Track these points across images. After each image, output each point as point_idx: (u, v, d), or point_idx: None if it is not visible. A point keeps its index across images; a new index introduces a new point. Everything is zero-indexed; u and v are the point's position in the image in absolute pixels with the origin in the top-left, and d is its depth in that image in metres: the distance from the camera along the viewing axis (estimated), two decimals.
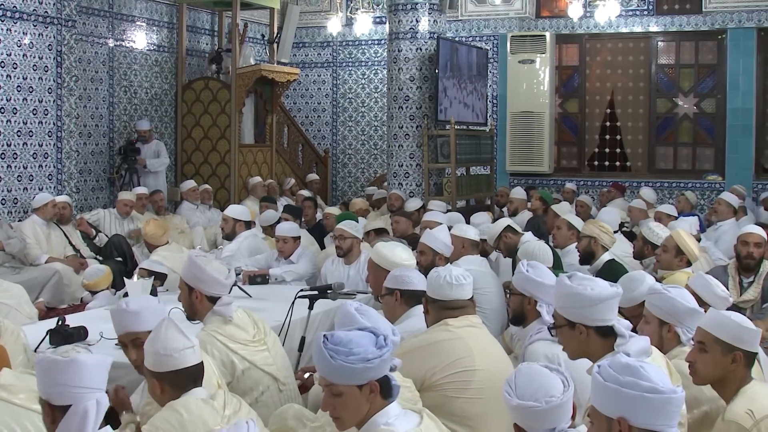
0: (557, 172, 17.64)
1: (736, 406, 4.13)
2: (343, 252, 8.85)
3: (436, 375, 4.89)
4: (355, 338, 3.67)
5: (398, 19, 13.72)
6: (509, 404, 3.51)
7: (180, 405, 4.06)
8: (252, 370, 5.38)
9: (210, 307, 5.49)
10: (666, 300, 4.99)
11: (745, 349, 4.25)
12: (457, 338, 5.04)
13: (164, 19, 16.01)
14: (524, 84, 17.13)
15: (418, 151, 13.70)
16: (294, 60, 18.89)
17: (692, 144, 17.25)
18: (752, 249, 7.92)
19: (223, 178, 15.89)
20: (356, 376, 3.60)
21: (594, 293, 4.34)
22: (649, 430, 3.18)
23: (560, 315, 4.44)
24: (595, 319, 4.34)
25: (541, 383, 3.51)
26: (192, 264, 5.56)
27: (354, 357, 3.58)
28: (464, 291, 5.24)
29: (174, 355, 4.14)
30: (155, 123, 15.69)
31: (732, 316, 4.30)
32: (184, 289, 5.58)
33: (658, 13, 16.94)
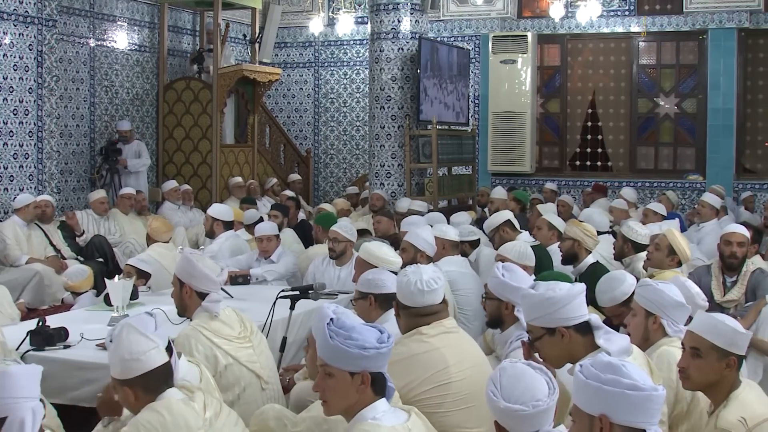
0: (539, 172, 17.67)
1: (728, 414, 4.12)
2: (336, 254, 8.82)
3: (412, 391, 4.84)
4: (359, 327, 3.78)
5: (380, 19, 13.74)
6: (495, 405, 3.52)
7: (161, 406, 4.04)
8: (234, 365, 5.40)
9: (199, 302, 5.56)
10: (654, 292, 5.04)
11: (739, 354, 4.25)
12: (432, 350, 4.97)
13: (145, 19, 15.97)
14: (506, 84, 17.15)
15: (399, 151, 13.71)
16: (276, 60, 18.88)
17: (673, 144, 17.30)
18: (735, 248, 7.93)
19: (205, 178, 15.86)
20: (350, 362, 3.69)
21: (563, 293, 4.34)
22: (630, 427, 3.20)
23: (536, 326, 4.38)
24: (572, 317, 4.33)
25: (527, 385, 3.53)
26: (185, 260, 5.66)
27: (352, 342, 3.68)
28: (436, 296, 5.15)
29: (141, 358, 4.12)
30: (136, 123, 15.66)
31: (726, 321, 4.29)
32: (176, 285, 5.66)
33: (639, 14, 16.99)
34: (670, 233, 7.69)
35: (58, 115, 12.56)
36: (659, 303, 5.02)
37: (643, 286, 5.16)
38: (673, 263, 7.55)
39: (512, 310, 5.49)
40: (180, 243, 12.07)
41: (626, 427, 3.20)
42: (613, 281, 6.03)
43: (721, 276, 8.03)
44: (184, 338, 5.33)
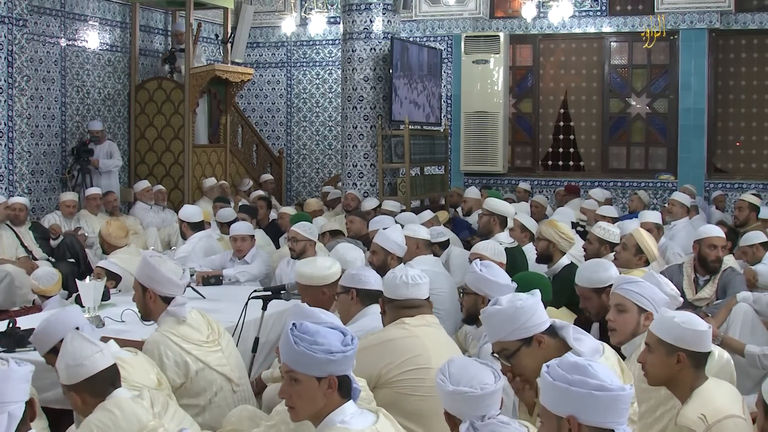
0: (511, 172, 17.70)
1: (688, 411, 4.14)
2: (296, 254, 8.81)
3: (391, 372, 4.89)
4: (322, 331, 3.74)
5: (352, 19, 13.73)
6: (444, 390, 3.59)
7: (112, 405, 4.08)
8: (206, 370, 5.39)
9: (164, 307, 5.50)
10: (647, 288, 5.11)
11: (690, 350, 4.26)
12: (412, 336, 5.03)
13: (117, 19, 15.90)
14: (478, 84, 17.18)
15: (372, 151, 13.71)
16: (248, 60, 18.84)
17: (645, 144, 17.37)
18: (720, 253, 7.96)
19: (177, 178, 15.81)
20: (316, 367, 3.66)
21: (529, 301, 4.27)
22: (598, 427, 3.21)
23: (511, 341, 4.20)
24: (542, 323, 4.27)
25: (474, 372, 3.63)
26: (146, 264, 5.56)
27: (317, 347, 3.65)
28: (420, 290, 5.23)
29: (84, 362, 4.14)
30: (108, 123, 15.59)
31: (675, 317, 4.33)
32: (138, 290, 5.58)
33: (611, 14, 17.05)
34: (637, 233, 7.72)
35: (28, 116, 12.48)
36: (653, 299, 5.09)
37: (633, 283, 5.18)
38: (641, 262, 7.59)
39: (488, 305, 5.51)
40: (152, 243, 12.05)
41: (594, 428, 3.20)
42: (599, 265, 6.12)
43: (693, 274, 8.07)
44: (152, 345, 5.29)
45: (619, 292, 5.15)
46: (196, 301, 7.27)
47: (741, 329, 7.08)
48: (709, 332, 4.31)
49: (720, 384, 4.40)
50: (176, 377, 5.26)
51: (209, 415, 5.31)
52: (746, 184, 16.13)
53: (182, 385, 5.29)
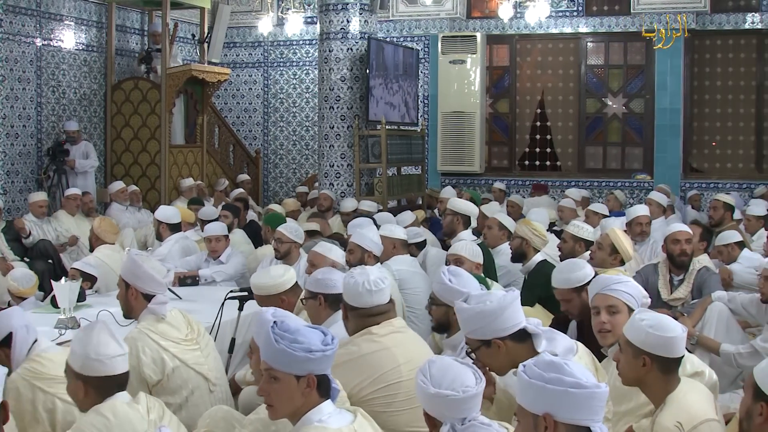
0: (488, 172, 17.72)
1: (664, 419, 4.14)
2: (280, 255, 8.80)
3: (363, 390, 4.85)
4: (303, 330, 3.77)
5: (329, 19, 13.71)
6: (425, 392, 3.58)
7: (106, 409, 4.05)
8: (182, 368, 5.40)
9: (145, 304, 5.53)
10: (634, 287, 5.18)
11: (656, 355, 4.26)
12: (382, 349, 4.98)
13: (93, 19, 15.84)
14: (455, 84, 17.19)
15: (349, 151, 13.70)
16: (225, 60, 18.81)
17: (621, 144, 17.44)
18: (684, 246, 8.00)
19: (154, 179, 15.76)
20: (296, 365, 3.68)
21: (494, 305, 4.32)
22: (574, 425, 3.22)
23: (473, 339, 4.37)
24: (506, 328, 4.31)
25: (455, 374, 3.61)
26: (130, 261, 5.62)
27: (298, 345, 3.67)
28: (384, 295, 5.15)
29: (105, 361, 4.13)
30: (84, 123, 15.52)
31: (645, 320, 4.32)
32: (122, 286, 5.63)
33: (587, 14, 17.10)
34: (612, 233, 7.74)
35: (4, 116, 12.45)
36: (640, 297, 5.14)
37: (622, 282, 5.20)
38: (616, 262, 7.61)
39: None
40: (128, 244, 11.98)
41: (570, 425, 3.22)
42: (573, 265, 6.10)
43: (668, 274, 8.10)
44: (130, 341, 5.28)
45: (610, 293, 5.14)
46: (173, 302, 7.25)
47: (716, 328, 7.10)
48: (679, 338, 4.29)
49: (693, 387, 4.39)
50: (153, 374, 5.29)
51: (186, 414, 5.30)
52: (722, 183, 16.23)
53: (158, 382, 5.31)
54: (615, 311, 5.10)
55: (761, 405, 3.50)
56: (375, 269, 5.34)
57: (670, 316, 6.03)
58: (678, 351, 4.30)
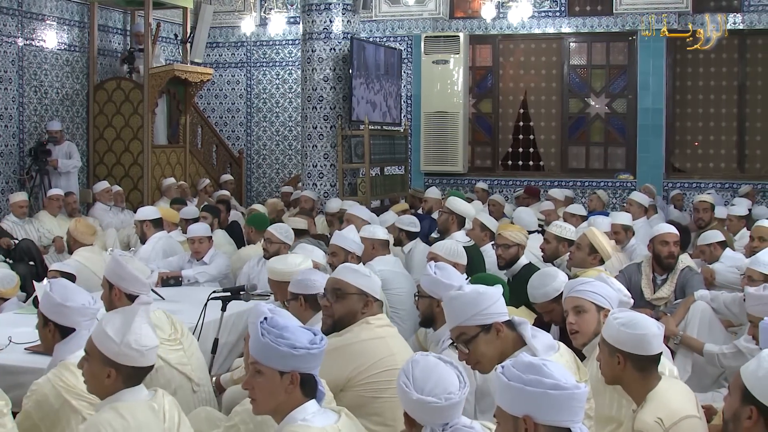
0: (471, 172, 17.74)
1: (644, 415, 4.16)
2: (269, 255, 8.77)
3: (360, 375, 4.90)
4: (292, 327, 3.78)
5: (312, 19, 13.70)
6: (407, 397, 3.56)
7: (125, 409, 3.94)
8: (165, 368, 5.40)
9: (128, 305, 5.42)
10: (600, 286, 5.20)
11: (629, 353, 4.30)
12: (378, 338, 5.06)
13: (75, 18, 15.80)
14: (438, 84, 17.20)
15: (332, 151, 13.69)
16: (207, 60, 18.78)
17: (604, 143, 17.47)
18: (673, 248, 8.02)
19: (136, 179, 15.72)
20: (279, 360, 3.69)
21: (493, 290, 4.42)
22: (554, 426, 3.23)
23: (470, 326, 4.36)
24: (503, 313, 4.39)
25: (439, 377, 3.57)
26: (114, 262, 5.61)
27: (282, 340, 3.68)
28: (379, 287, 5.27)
29: (145, 352, 4.08)
30: (66, 124, 15.47)
31: (618, 318, 4.37)
32: (105, 287, 5.61)
33: (570, 15, 17.13)
34: (590, 233, 7.77)
35: None
36: (608, 297, 5.15)
37: (587, 282, 5.25)
38: (596, 261, 7.63)
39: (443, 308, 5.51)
40: (111, 245, 11.95)
41: (551, 427, 3.22)
42: (545, 277, 6.09)
43: (652, 274, 8.12)
44: None
45: (575, 294, 5.20)
46: (156, 302, 7.23)
47: (699, 328, 7.12)
48: (651, 336, 4.31)
49: (673, 384, 4.43)
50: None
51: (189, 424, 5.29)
52: (704, 183, 16.29)
53: None
54: (581, 311, 5.16)
55: (750, 408, 3.48)
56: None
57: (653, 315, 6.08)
58: (653, 348, 4.32)
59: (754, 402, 3.47)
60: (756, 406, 3.46)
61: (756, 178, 16.35)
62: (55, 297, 4.81)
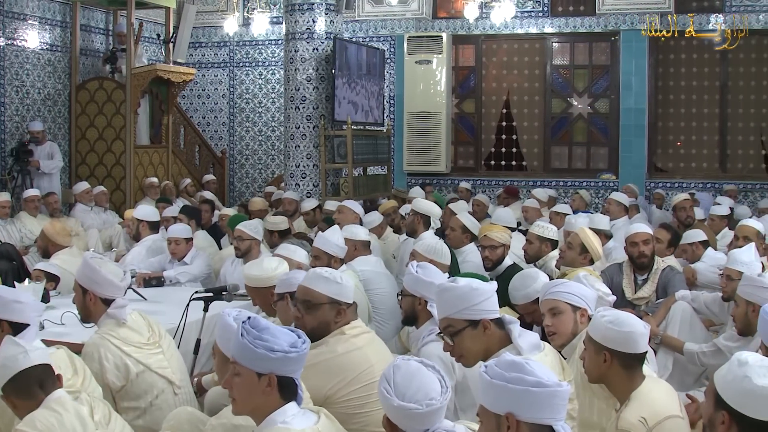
0: (454, 172, 17.75)
1: (628, 414, 4.18)
2: (241, 253, 8.79)
3: (339, 392, 4.84)
4: (274, 329, 3.76)
5: (295, 19, 13.69)
6: (388, 403, 3.55)
7: (56, 404, 4.01)
8: (146, 373, 5.35)
9: (104, 309, 5.43)
10: (574, 286, 5.22)
11: (616, 350, 4.31)
12: (355, 349, 4.98)
13: (57, 18, 15.75)
14: (421, 84, 17.20)
15: (315, 151, 13.69)
16: (190, 60, 18.74)
17: (586, 143, 17.50)
18: (642, 248, 8.03)
19: (119, 179, 15.68)
20: (257, 362, 3.68)
21: (486, 286, 4.43)
22: (536, 423, 3.23)
23: (458, 319, 4.39)
24: (493, 310, 4.40)
25: (420, 383, 3.56)
26: (86, 265, 5.50)
27: (261, 342, 3.67)
28: (351, 293, 5.21)
29: (6, 363, 4.10)
30: (48, 124, 15.42)
31: (605, 316, 4.38)
32: (78, 291, 5.51)
33: (552, 15, 17.15)
34: (582, 232, 7.78)
35: None
36: (584, 296, 5.17)
37: (561, 284, 5.28)
38: (585, 261, 7.65)
39: (425, 306, 5.51)
40: (93, 245, 11.92)
41: (533, 424, 3.23)
42: (526, 279, 6.10)
43: (633, 274, 8.13)
44: (92, 347, 5.24)
45: (550, 296, 5.22)
46: (137, 303, 7.22)
47: (680, 327, 7.15)
48: (638, 334, 4.33)
49: (657, 383, 4.44)
50: (116, 380, 5.22)
51: (150, 418, 5.27)
52: (686, 183, 16.33)
53: (122, 387, 5.25)
54: (557, 312, 5.18)
55: (722, 414, 3.49)
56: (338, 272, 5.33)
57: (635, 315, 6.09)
58: (639, 347, 4.34)
59: (725, 407, 3.48)
60: (727, 411, 3.46)
61: (738, 178, 16.43)
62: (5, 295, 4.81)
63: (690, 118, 17.03)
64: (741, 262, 6.86)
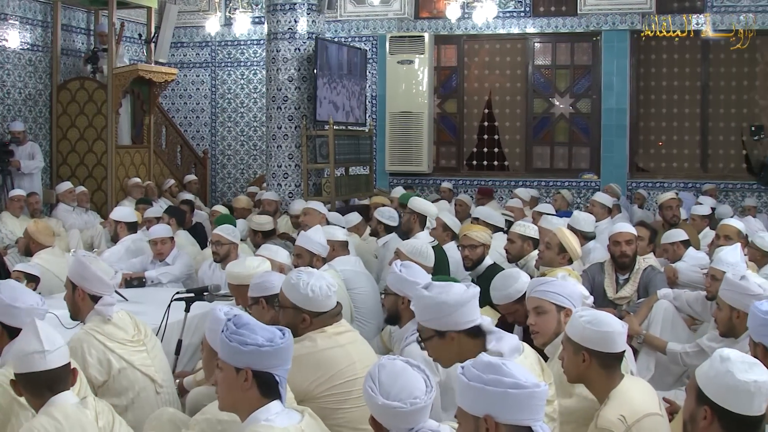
0: (436, 172, 17.76)
1: (607, 412, 4.19)
2: (219, 258, 8.78)
3: (320, 387, 4.85)
4: (253, 325, 3.81)
5: (276, 19, 13.67)
6: (373, 402, 3.57)
7: (57, 411, 4.00)
8: (128, 369, 5.38)
9: (92, 306, 5.51)
10: (560, 286, 5.22)
11: (595, 350, 4.33)
12: (337, 346, 5.00)
13: (38, 18, 15.69)
14: (403, 84, 17.21)
15: (296, 151, 13.67)
16: (172, 60, 18.70)
17: (568, 143, 17.54)
18: (625, 247, 8.04)
19: (100, 179, 15.63)
20: (233, 357, 3.74)
21: (455, 298, 4.37)
22: (515, 425, 3.24)
23: (427, 328, 4.41)
24: (463, 322, 4.37)
25: (405, 382, 3.57)
26: (77, 262, 5.59)
27: (236, 336, 3.72)
28: (336, 298, 5.22)
29: (23, 358, 4.09)
30: (29, 124, 15.36)
31: (583, 316, 4.40)
32: (69, 288, 5.61)
33: (534, 15, 17.18)
34: (560, 232, 7.78)
35: None
36: (570, 295, 5.17)
37: (548, 282, 5.27)
38: (564, 261, 7.65)
39: (408, 305, 5.50)
40: (74, 246, 11.88)
41: (512, 426, 3.23)
42: (507, 279, 6.08)
43: (614, 274, 8.14)
44: (76, 342, 5.28)
45: (535, 295, 5.21)
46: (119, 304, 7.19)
47: (662, 326, 7.16)
48: (617, 333, 4.36)
49: (636, 382, 4.46)
50: (98, 375, 5.26)
51: (132, 416, 5.28)
52: (668, 183, 16.38)
53: (104, 383, 5.28)
54: (541, 311, 5.18)
55: (704, 409, 3.51)
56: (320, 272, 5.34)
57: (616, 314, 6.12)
58: (617, 346, 4.36)
59: (707, 402, 3.50)
60: (709, 406, 3.49)
61: (719, 178, 16.49)
62: (3, 298, 4.79)
63: (671, 118, 17.08)
64: (727, 262, 6.86)
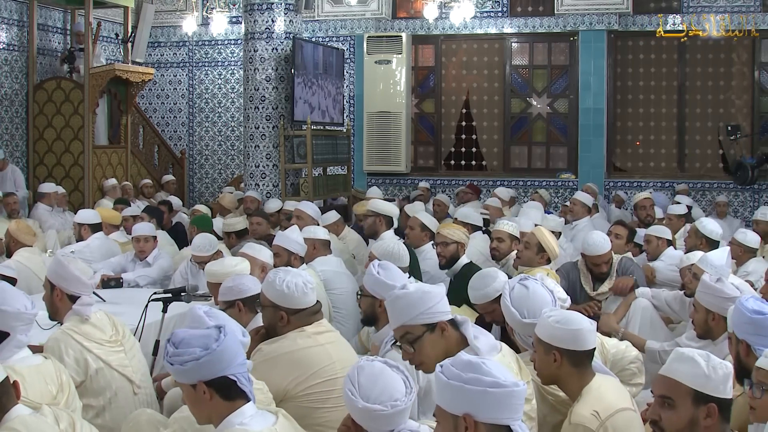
0: (414, 172, 17.78)
1: (580, 408, 4.21)
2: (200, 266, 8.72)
3: (299, 386, 4.84)
4: (187, 339, 3.78)
5: (254, 19, 13.64)
6: (353, 405, 3.57)
7: (18, 423, 3.84)
8: (106, 370, 5.36)
9: (70, 306, 5.48)
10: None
11: (565, 348, 4.34)
12: (317, 345, 4.99)
13: (14, 17, 15.61)
14: (381, 84, 17.22)
15: (274, 151, 13.65)
16: (149, 60, 18.66)
17: (546, 143, 17.58)
18: (603, 267, 7.91)
19: (77, 180, 15.57)
20: (180, 375, 3.74)
21: (437, 288, 4.44)
22: (494, 424, 3.24)
23: (416, 325, 4.34)
24: (447, 312, 4.40)
25: (385, 384, 3.59)
26: (56, 262, 5.59)
27: (176, 358, 3.70)
28: (315, 295, 5.22)
29: None
30: (6, 124, 15.28)
31: (551, 316, 4.42)
32: (47, 288, 5.59)
33: (512, 15, 17.22)
34: (538, 231, 7.79)
35: None
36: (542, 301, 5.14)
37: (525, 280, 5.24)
38: (543, 261, 7.66)
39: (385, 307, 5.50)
40: (51, 246, 11.84)
41: (491, 425, 3.24)
42: (485, 278, 6.06)
43: (589, 273, 8.12)
44: (53, 342, 5.26)
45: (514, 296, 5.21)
46: (97, 304, 7.17)
47: (640, 324, 7.20)
48: (588, 331, 4.39)
49: (607, 379, 4.49)
50: (75, 375, 5.22)
51: (109, 416, 5.27)
52: (645, 182, 16.45)
53: (81, 383, 5.24)
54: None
55: (708, 407, 3.54)
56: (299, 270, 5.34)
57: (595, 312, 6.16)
58: (587, 344, 4.38)
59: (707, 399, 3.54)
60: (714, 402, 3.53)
61: (695, 177, 16.58)
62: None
63: (648, 118, 17.15)
64: (712, 264, 6.84)
